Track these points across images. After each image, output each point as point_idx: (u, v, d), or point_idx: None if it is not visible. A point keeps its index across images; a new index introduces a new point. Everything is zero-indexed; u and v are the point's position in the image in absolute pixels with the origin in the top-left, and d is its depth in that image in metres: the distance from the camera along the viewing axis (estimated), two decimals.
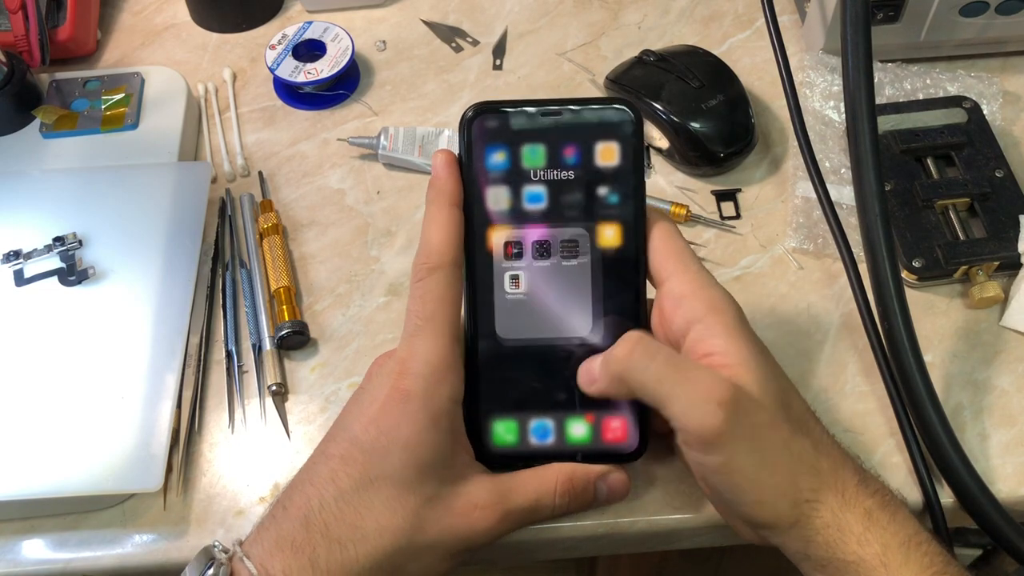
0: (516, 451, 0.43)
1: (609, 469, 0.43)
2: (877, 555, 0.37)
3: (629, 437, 0.43)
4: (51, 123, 0.61)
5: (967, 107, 0.58)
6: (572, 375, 0.42)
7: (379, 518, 0.39)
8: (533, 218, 0.42)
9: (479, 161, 0.41)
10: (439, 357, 0.39)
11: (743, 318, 0.40)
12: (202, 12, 0.69)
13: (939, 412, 0.45)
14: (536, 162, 0.41)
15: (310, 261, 0.57)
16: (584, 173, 0.41)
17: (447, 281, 0.40)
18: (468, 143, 0.41)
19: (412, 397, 0.39)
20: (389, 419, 0.39)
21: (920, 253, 0.53)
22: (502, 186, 0.41)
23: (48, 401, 0.49)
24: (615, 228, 0.42)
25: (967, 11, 0.59)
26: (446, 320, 0.40)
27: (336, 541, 0.38)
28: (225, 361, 0.52)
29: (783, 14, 0.66)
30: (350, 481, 0.39)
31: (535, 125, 0.41)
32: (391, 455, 0.39)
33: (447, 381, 0.40)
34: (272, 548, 0.38)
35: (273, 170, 0.61)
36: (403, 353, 0.40)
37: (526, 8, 0.69)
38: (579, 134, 0.41)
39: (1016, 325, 0.52)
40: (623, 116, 0.41)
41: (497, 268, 0.42)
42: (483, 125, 0.41)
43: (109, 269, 0.53)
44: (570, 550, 0.48)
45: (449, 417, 0.40)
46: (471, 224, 0.41)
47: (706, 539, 0.48)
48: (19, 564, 0.46)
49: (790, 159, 0.59)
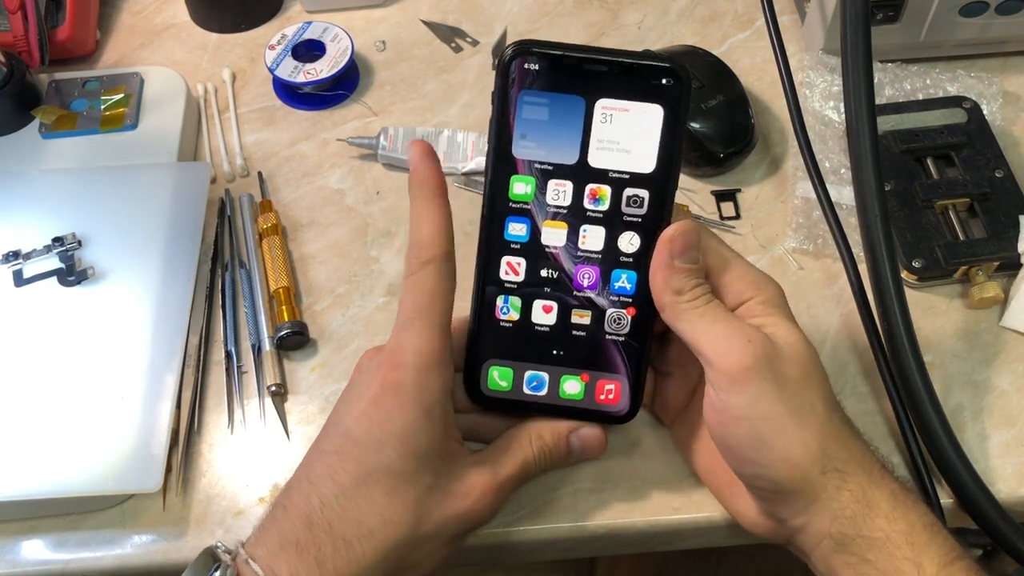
0: (507, 397, 0.43)
1: (581, 424, 0.43)
2: (904, 533, 0.37)
3: (621, 400, 0.43)
4: (50, 123, 0.61)
5: (967, 107, 0.58)
6: (574, 334, 0.42)
7: (382, 512, 0.39)
8: (558, 171, 0.41)
9: (512, 103, 0.40)
10: (429, 349, 0.40)
11: (784, 299, 0.42)
12: (201, 12, 0.69)
13: (939, 412, 0.45)
14: (570, 115, 0.40)
15: (310, 261, 0.57)
16: (619, 131, 0.40)
17: (438, 274, 0.40)
18: (504, 84, 0.40)
19: (403, 388, 0.39)
20: (381, 411, 0.39)
21: (920, 253, 0.53)
22: (531, 132, 0.40)
23: (48, 401, 0.49)
24: (643, 192, 0.41)
25: (967, 11, 0.59)
26: (437, 313, 0.40)
27: (341, 539, 0.38)
28: (224, 361, 0.52)
29: (783, 14, 0.66)
30: (348, 477, 0.39)
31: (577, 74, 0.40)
32: (386, 447, 0.39)
33: (438, 372, 0.40)
34: (276, 549, 0.38)
35: (273, 170, 0.61)
36: (393, 345, 0.40)
37: (526, 8, 0.69)
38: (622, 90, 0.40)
39: (1016, 325, 0.52)
40: (670, 78, 0.40)
41: (514, 216, 0.42)
42: (523, 67, 0.40)
43: (108, 269, 0.53)
44: (570, 550, 0.48)
45: (441, 407, 0.40)
46: (495, 168, 0.41)
47: (706, 539, 0.48)
48: (19, 564, 0.46)
49: (790, 159, 0.59)
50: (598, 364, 0.43)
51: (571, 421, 0.44)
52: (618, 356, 0.43)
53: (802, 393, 0.39)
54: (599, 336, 0.43)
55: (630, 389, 0.43)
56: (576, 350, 0.43)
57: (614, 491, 0.47)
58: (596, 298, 0.42)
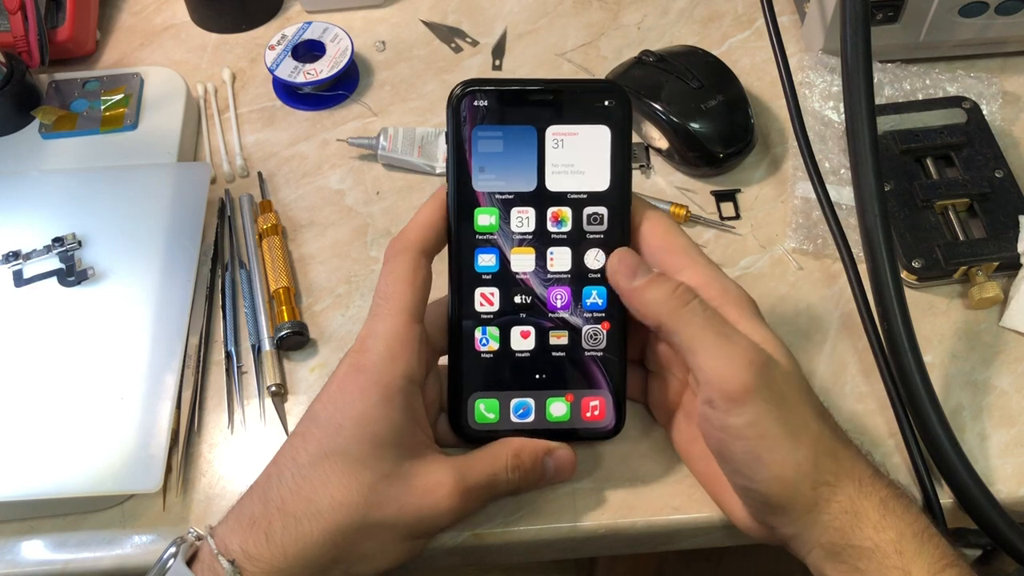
0: (496, 428, 0.44)
1: (557, 446, 0.44)
2: (892, 542, 0.37)
3: (607, 416, 0.44)
4: (50, 124, 0.61)
5: (967, 107, 0.58)
6: (554, 356, 0.43)
7: (333, 493, 0.39)
8: (518, 199, 0.42)
9: (466, 141, 0.42)
10: (394, 334, 0.40)
11: (757, 308, 0.42)
12: (201, 12, 0.69)
13: (939, 412, 0.45)
14: (524, 144, 0.42)
15: (309, 262, 0.57)
16: (571, 154, 0.42)
17: (410, 264, 0.41)
18: (456, 122, 0.42)
19: (365, 372, 0.40)
20: (343, 395, 0.40)
21: (920, 253, 0.53)
22: (488, 166, 0.42)
23: (48, 402, 0.49)
24: (601, 210, 0.43)
25: (966, 11, 0.59)
26: (405, 299, 0.41)
27: (291, 515, 0.39)
28: (224, 362, 0.52)
29: (783, 14, 0.66)
30: (306, 456, 0.40)
31: (524, 104, 0.42)
32: (344, 430, 0.40)
33: (402, 359, 0.40)
34: (233, 525, 0.39)
35: (272, 171, 0.61)
36: (363, 332, 0.41)
37: (525, 8, 0.69)
38: (569, 115, 0.42)
39: (1016, 325, 0.52)
40: (613, 99, 0.42)
41: (482, 247, 0.43)
42: (473, 104, 0.42)
43: (108, 270, 0.53)
44: (570, 550, 0.48)
45: (404, 395, 0.40)
46: (458, 203, 0.42)
47: (706, 539, 0.48)
48: (18, 565, 0.46)
49: (790, 159, 0.59)
50: (581, 382, 0.44)
51: (548, 442, 0.43)
52: (599, 372, 0.44)
53: (797, 409, 0.39)
54: (578, 354, 0.43)
55: (614, 404, 0.44)
56: (558, 371, 0.44)
57: (614, 491, 0.47)
58: (570, 317, 0.43)
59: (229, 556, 0.38)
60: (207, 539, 0.39)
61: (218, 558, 0.38)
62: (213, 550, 0.38)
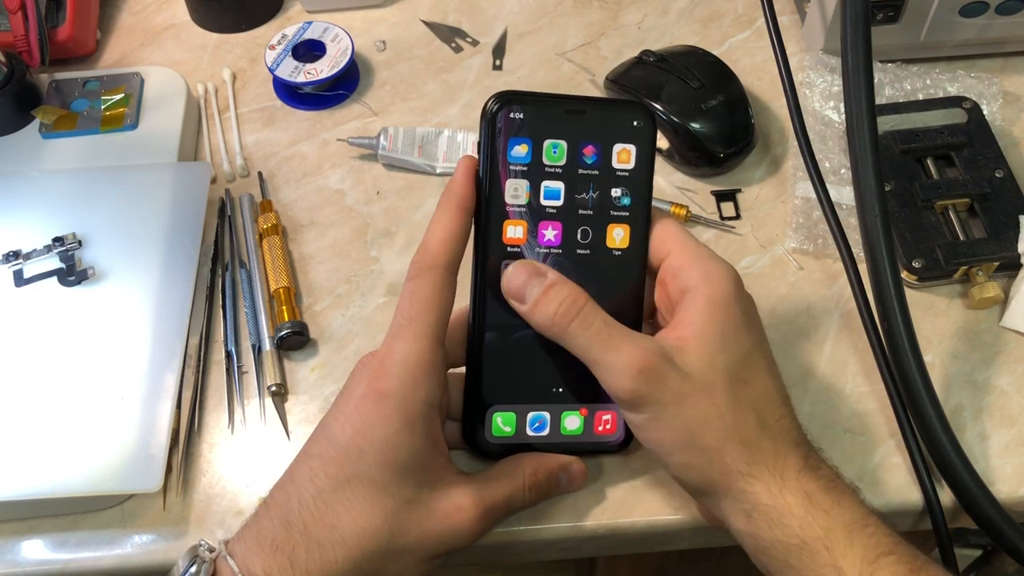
0: (511, 442, 0.44)
1: (571, 460, 0.44)
2: (819, 538, 0.37)
3: (617, 429, 0.45)
4: (51, 123, 0.61)
5: (967, 107, 0.58)
6: (572, 369, 0.42)
7: (357, 519, 0.39)
8: (547, 213, 0.42)
9: (500, 152, 0.42)
10: (417, 359, 0.40)
11: (734, 291, 0.41)
12: (202, 12, 0.69)
13: (939, 412, 0.45)
14: (555, 158, 0.42)
15: (310, 261, 0.57)
16: (599, 172, 0.42)
17: (438, 283, 0.40)
18: (491, 133, 0.41)
19: (387, 398, 0.39)
20: (364, 419, 0.39)
21: (920, 253, 0.53)
22: (519, 179, 0.42)
23: (48, 401, 0.49)
24: (624, 228, 0.43)
25: (967, 11, 0.59)
26: (430, 322, 0.40)
27: (315, 541, 0.38)
28: (225, 361, 0.52)
29: (783, 14, 0.66)
30: (328, 480, 0.39)
31: (557, 121, 0.42)
32: (366, 455, 0.39)
33: (423, 384, 0.40)
34: (253, 547, 0.39)
35: (273, 170, 0.61)
36: (383, 352, 0.40)
37: (526, 8, 0.69)
38: (599, 134, 0.42)
39: (1016, 325, 0.52)
40: (641, 120, 0.43)
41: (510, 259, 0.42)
42: (507, 116, 0.41)
43: (109, 269, 0.53)
44: (570, 550, 0.48)
45: (425, 420, 0.40)
46: (488, 214, 0.42)
47: (706, 539, 0.48)
48: (19, 564, 0.46)
49: (790, 159, 0.59)
50: (595, 396, 0.43)
51: (564, 457, 0.44)
52: None
53: (701, 405, 0.39)
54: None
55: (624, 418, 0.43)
56: (574, 384, 0.43)
57: (614, 491, 0.47)
58: None
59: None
60: (226, 559, 0.38)
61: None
62: (235, 571, 0.38)
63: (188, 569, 0.38)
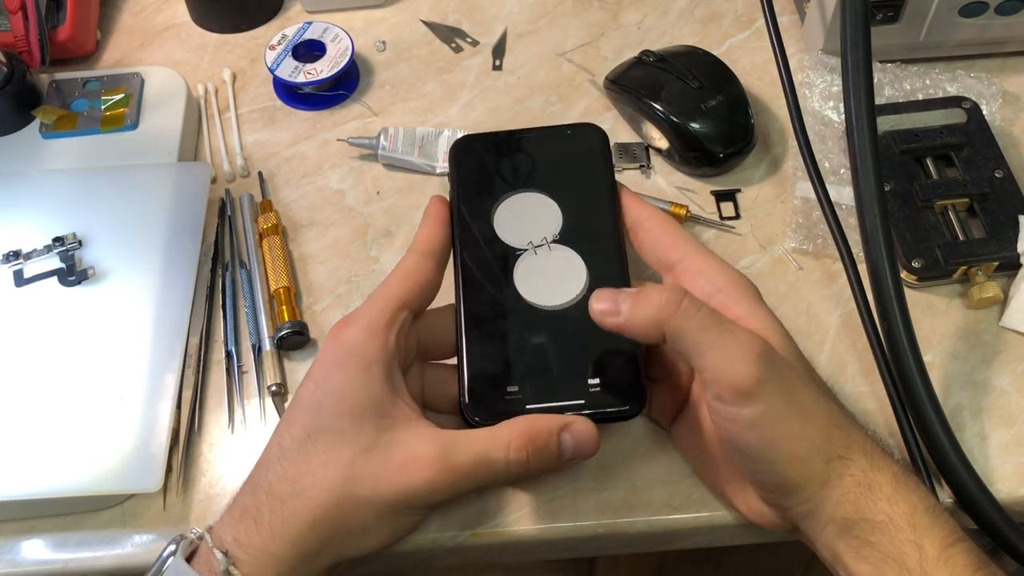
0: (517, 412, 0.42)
1: (574, 419, 0.40)
2: (906, 515, 0.37)
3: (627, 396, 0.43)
4: (51, 123, 0.61)
5: (966, 107, 0.58)
6: (572, 339, 0.43)
7: (314, 471, 0.39)
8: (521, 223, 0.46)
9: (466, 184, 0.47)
10: (380, 315, 0.41)
11: (759, 292, 0.43)
12: (202, 12, 0.69)
13: (938, 412, 0.45)
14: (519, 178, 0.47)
15: (310, 261, 0.57)
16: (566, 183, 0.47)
17: (415, 262, 0.44)
18: (456, 170, 0.48)
19: (343, 345, 0.40)
20: (323, 371, 0.41)
21: (920, 253, 0.53)
22: (489, 199, 0.47)
23: (48, 401, 0.49)
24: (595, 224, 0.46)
25: (967, 11, 0.59)
26: (402, 290, 0.42)
27: (277, 498, 0.39)
28: (225, 361, 0.52)
29: (783, 14, 0.66)
30: (291, 440, 0.40)
31: (514, 149, 0.48)
32: (324, 407, 0.40)
33: (383, 335, 0.41)
34: (227, 520, 0.40)
35: (273, 170, 0.61)
36: (349, 314, 0.42)
37: (526, 8, 0.69)
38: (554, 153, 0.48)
39: (1015, 325, 0.52)
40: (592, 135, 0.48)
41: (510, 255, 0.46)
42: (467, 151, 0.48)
43: (109, 269, 0.53)
44: (570, 550, 0.48)
45: (384, 366, 0.40)
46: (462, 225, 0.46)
47: (706, 539, 0.48)
48: (19, 564, 0.46)
49: (790, 159, 0.59)
50: (600, 363, 0.43)
51: (563, 416, 0.40)
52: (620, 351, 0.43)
53: (805, 390, 0.39)
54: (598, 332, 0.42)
55: (634, 382, 0.43)
56: (578, 353, 0.43)
57: (614, 491, 0.47)
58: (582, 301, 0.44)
59: (223, 548, 0.38)
60: (205, 536, 0.39)
61: (213, 551, 0.38)
62: (209, 544, 0.39)
63: (167, 547, 0.39)
